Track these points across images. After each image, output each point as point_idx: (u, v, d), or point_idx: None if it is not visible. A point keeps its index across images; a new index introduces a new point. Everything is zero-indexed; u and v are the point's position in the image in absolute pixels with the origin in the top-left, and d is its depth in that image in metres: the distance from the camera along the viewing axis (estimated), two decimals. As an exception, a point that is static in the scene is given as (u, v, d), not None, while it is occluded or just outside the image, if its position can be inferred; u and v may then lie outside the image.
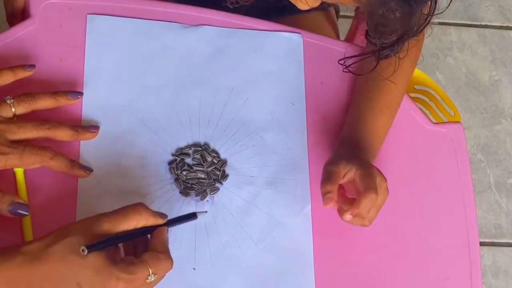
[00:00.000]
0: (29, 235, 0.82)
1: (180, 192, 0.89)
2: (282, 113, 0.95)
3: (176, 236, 0.86)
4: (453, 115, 1.15)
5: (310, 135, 0.94)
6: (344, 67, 0.88)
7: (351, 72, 0.88)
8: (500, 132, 1.84)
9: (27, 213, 0.80)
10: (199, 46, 0.95)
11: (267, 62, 0.97)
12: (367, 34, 0.75)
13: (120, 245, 0.77)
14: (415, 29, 0.75)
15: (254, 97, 0.95)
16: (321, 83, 0.98)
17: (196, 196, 0.89)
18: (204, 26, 0.96)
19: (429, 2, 0.75)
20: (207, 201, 0.89)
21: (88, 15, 0.93)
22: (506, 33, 1.93)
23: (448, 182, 0.98)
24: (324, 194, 0.84)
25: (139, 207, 0.78)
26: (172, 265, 0.77)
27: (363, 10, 0.73)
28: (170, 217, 0.86)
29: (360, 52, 0.88)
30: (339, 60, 0.90)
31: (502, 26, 1.93)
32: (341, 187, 0.86)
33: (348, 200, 0.85)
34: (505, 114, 1.85)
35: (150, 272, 0.74)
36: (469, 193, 0.98)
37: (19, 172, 0.83)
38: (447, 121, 1.15)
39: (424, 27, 0.75)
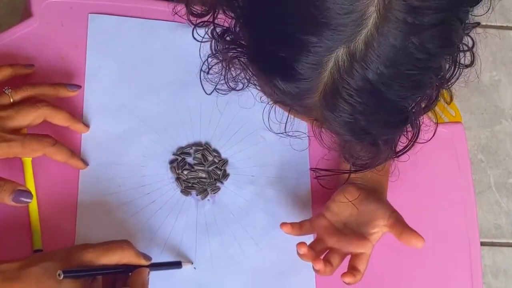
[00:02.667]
0: (37, 233, 0.82)
1: (181, 192, 0.89)
2: (283, 112, 0.95)
3: (177, 235, 0.86)
4: (454, 115, 1.15)
5: (311, 135, 0.94)
6: (315, 175, 0.87)
7: (321, 184, 0.85)
8: (500, 133, 1.84)
9: (30, 201, 0.79)
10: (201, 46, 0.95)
11: (268, 61, 0.97)
12: (340, 152, 0.69)
13: (100, 278, 0.77)
14: (387, 157, 0.68)
15: (255, 97, 0.94)
16: (322, 83, 0.98)
17: (197, 195, 0.89)
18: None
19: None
20: (208, 200, 0.89)
21: (89, 14, 0.93)
22: (506, 33, 1.93)
23: (448, 182, 0.98)
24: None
25: (124, 244, 0.78)
26: None
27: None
28: (169, 216, 0.86)
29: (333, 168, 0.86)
30: (311, 168, 0.90)
31: (502, 26, 1.93)
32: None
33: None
34: (505, 115, 1.85)
35: None
36: (469, 193, 0.98)
37: (27, 161, 0.83)
38: (448, 121, 1.15)
39: (403, 153, 0.69)
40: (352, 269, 0.81)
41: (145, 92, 0.92)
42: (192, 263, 0.86)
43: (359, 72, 0.56)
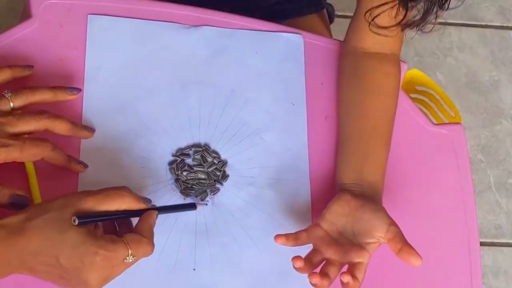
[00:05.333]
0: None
1: (180, 193, 0.89)
2: (282, 114, 0.95)
3: (176, 237, 0.86)
4: (453, 116, 1.15)
5: (311, 136, 0.94)
6: (370, 20, 0.85)
7: (376, 25, 0.83)
8: (500, 133, 1.84)
9: (28, 206, 0.79)
10: (200, 47, 0.95)
11: (268, 62, 0.97)
12: None
13: (101, 225, 0.77)
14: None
15: (254, 98, 0.95)
16: (322, 84, 0.98)
17: (196, 196, 0.89)
18: (204, 26, 0.96)
19: None
20: (207, 201, 0.89)
21: (88, 16, 0.93)
22: (506, 33, 1.93)
23: (448, 183, 0.98)
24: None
25: (122, 190, 0.78)
26: (153, 251, 0.77)
27: None
28: (168, 218, 0.86)
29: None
30: (366, 11, 0.87)
31: (502, 26, 1.93)
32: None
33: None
34: (505, 115, 1.85)
35: (129, 253, 0.74)
36: (469, 193, 0.98)
37: (30, 166, 0.83)
38: (447, 122, 1.15)
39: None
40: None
41: (145, 93, 0.92)
42: (206, 205, 0.87)
43: None
